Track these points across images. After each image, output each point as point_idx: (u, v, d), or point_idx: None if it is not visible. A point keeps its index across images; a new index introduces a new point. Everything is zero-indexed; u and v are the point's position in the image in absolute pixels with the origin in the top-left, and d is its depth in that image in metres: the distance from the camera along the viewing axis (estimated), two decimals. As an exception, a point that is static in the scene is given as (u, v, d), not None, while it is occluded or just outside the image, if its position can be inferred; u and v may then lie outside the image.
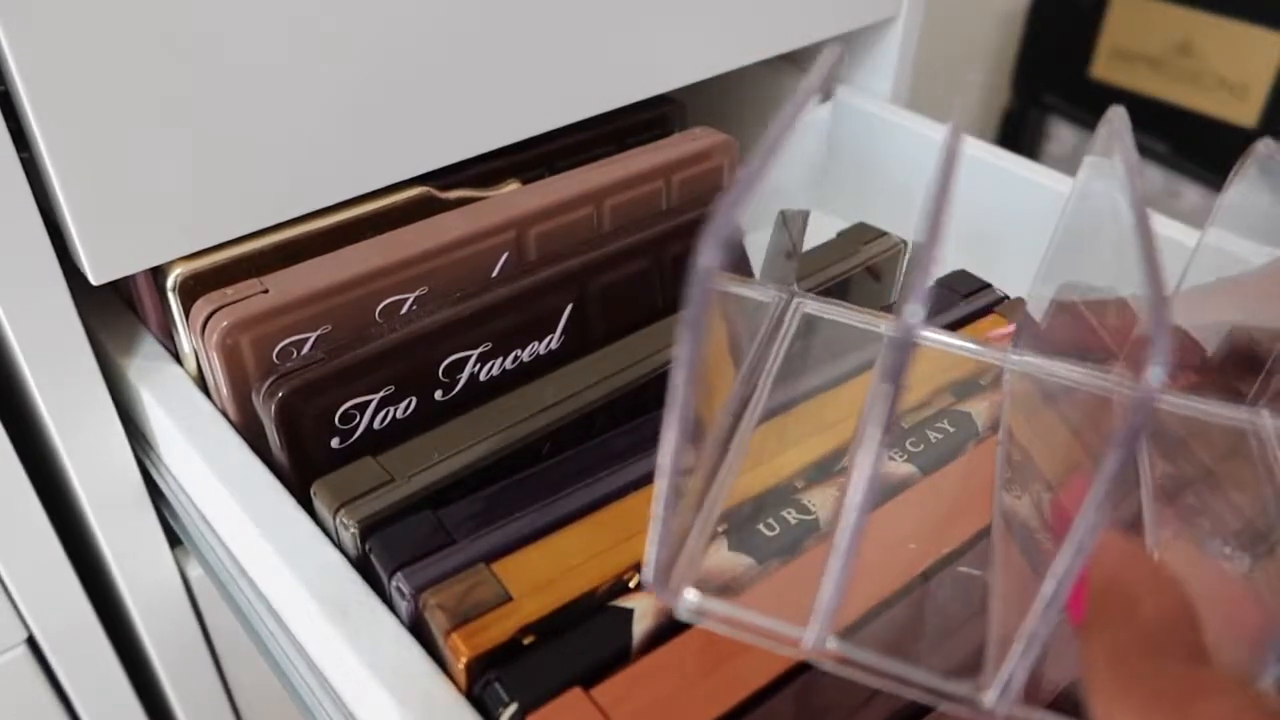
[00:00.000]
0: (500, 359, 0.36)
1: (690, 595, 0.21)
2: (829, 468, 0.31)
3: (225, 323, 0.32)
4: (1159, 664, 0.18)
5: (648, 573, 0.21)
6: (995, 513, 0.28)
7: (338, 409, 0.33)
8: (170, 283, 0.34)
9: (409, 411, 0.34)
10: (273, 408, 0.31)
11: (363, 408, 0.33)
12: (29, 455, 0.36)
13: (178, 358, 0.36)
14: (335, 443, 0.33)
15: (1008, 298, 0.38)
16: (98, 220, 0.31)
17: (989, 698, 0.20)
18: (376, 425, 0.33)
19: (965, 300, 0.38)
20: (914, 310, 0.17)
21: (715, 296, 0.17)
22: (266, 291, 0.34)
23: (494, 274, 0.38)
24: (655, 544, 0.20)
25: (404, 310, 0.36)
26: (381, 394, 0.33)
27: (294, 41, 0.33)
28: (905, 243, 0.41)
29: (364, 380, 0.33)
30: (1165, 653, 0.18)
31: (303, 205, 0.36)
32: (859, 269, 0.40)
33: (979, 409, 0.33)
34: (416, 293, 0.36)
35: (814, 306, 0.32)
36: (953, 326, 0.37)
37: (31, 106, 0.29)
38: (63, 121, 0.30)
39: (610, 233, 0.41)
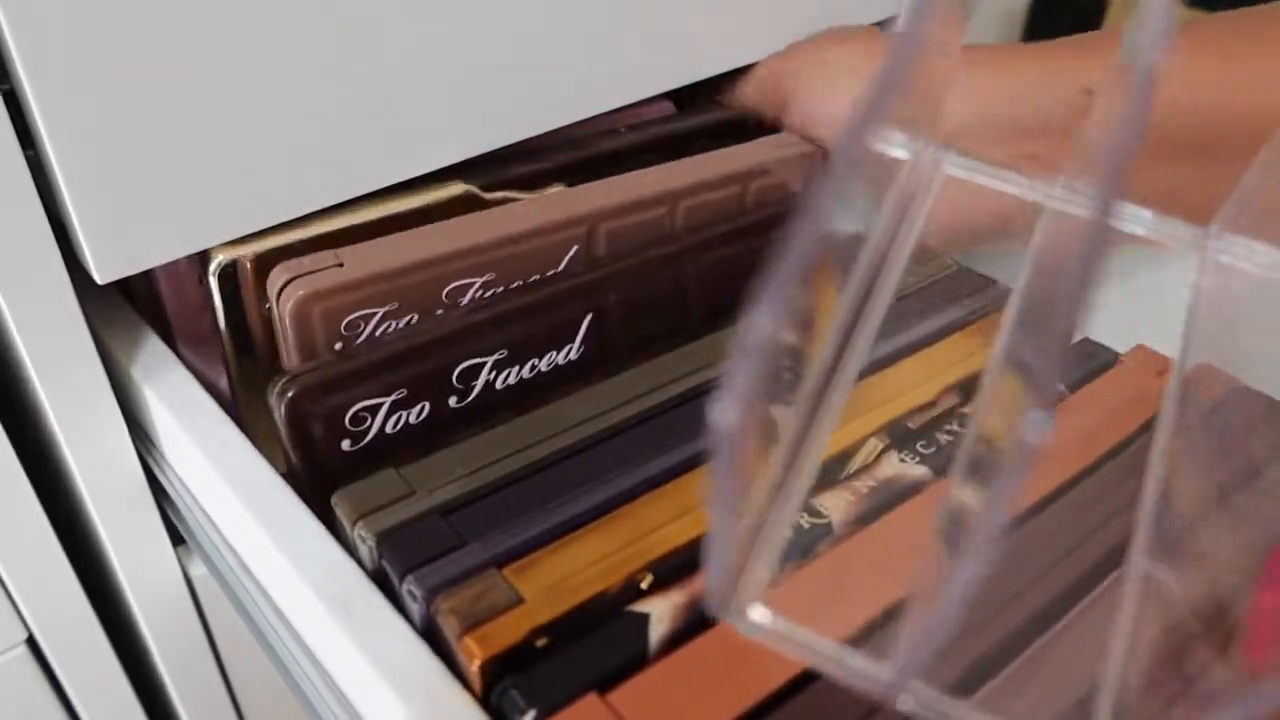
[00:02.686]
0: (517, 367, 0.35)
1: (757, 616, 0.19)
2: (839, 471, 0.31)
3: (301, 292, 0.33)
4: None
5: (708, 591, 0.18)
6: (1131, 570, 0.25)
7: (348, 410, 0.32)
8: (213, 268, 0.35)
9: (422, 416, 0.34)
10: (282, 407, 0.31)
11: (374, 410, 0.33)
12: (29, 453, 0.36)
13: (182, 361, 0.36)
14: (346, 445, 0.33)
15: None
16: (103, 218, 0.31)
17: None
18: (389, 429, 0.33)
19: (969, 298, 0.38)
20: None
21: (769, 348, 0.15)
22: (341, 265, 0.34)
23: (561, 265, 0.38)
24: (712, 556, 0.17)
25: (470, 293, 0.36)
26: (393, 397, 0.33)
27: (301, 39, 0.33)
28: (957, 264, 0.40)
29: (374, 382, 0.33)
30: None
31: (311, 203, 0.36)
32: (912, 290, 0.39)
33: None
34: (483, 278, 0.36)
35: (960, 166, 0.28)
36: (957, 325, 0.37)
37: (37, 104, 0.29)
38: (68, 119, 0.29)
39: (632, 246, 0.40)
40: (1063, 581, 0.27)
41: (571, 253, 0.38)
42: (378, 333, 0.35)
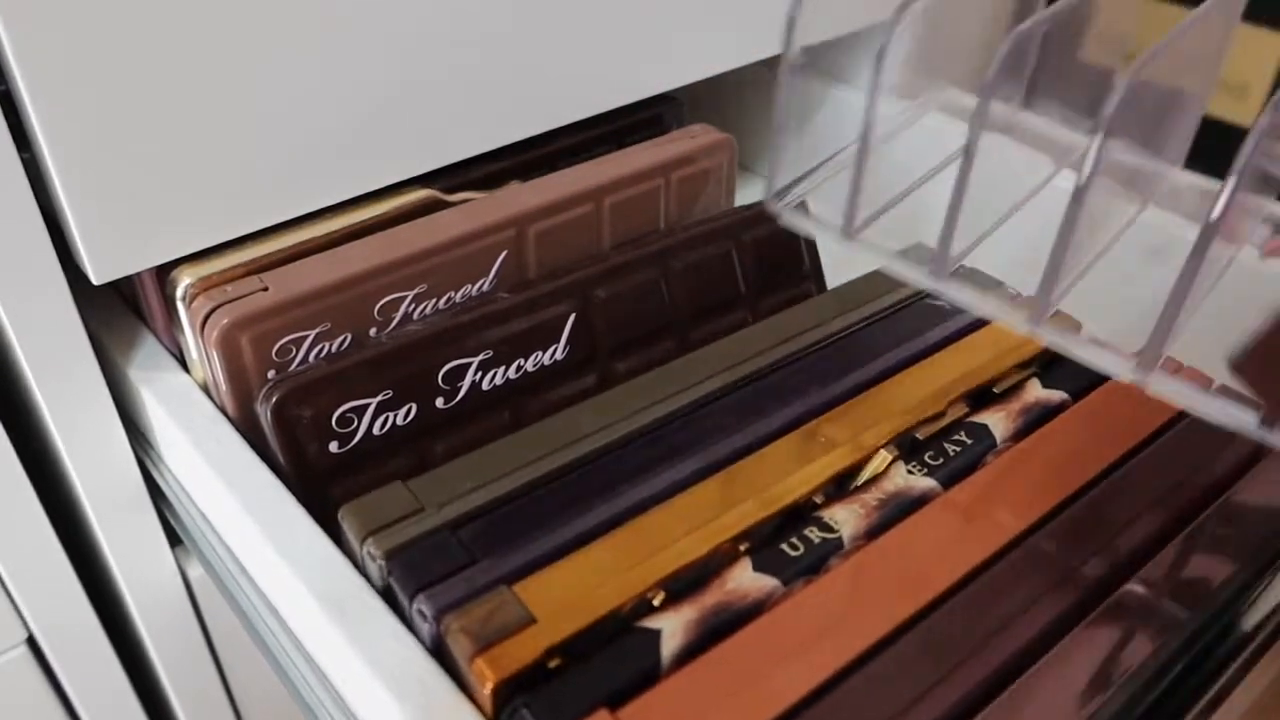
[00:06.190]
0: (503, 368, 0.35)
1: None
2: (849, 483, 0.31)
3: (225, 320, 0.32)
4: None
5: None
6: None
7: (334, 411, 0.32)
8: (180, 292, 0.34)
9: (410, 417, 0.34)
10: (269, 409, 0.31)
11: (360, 411, 0.33)
12: (29, 455, 0.36)
13: (183, 363, 0.36)
14: (334, 446, 0.33)
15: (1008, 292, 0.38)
16: (99, 220, 0.31)
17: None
18: (376, 430, 0.33)
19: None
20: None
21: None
22: (266, 289, 0.34)
23: (491, 273, 0.38)
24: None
25: (402, 308, 0.36)
26: (379, 398, 0.33)
27: (296, 42, 0.32)
28: (962, 267, 0.40)
29: (360, 384, 0.33)
30: None
31: (304, 205, 0.36)
32: (911, 301, 0.38)
33: (996, 419, 0.32)
34: (415, 290, 0.36)
35: None
36: (964, 332, 0.36)
37: (33, 106, 0.29)
38: (64, 121, 0.29)
39: (615, 246, 0.40)
40: (1061, 605, 0.27)
41: (501, 258, 0.38)
42: (311, 357, 0.34)
